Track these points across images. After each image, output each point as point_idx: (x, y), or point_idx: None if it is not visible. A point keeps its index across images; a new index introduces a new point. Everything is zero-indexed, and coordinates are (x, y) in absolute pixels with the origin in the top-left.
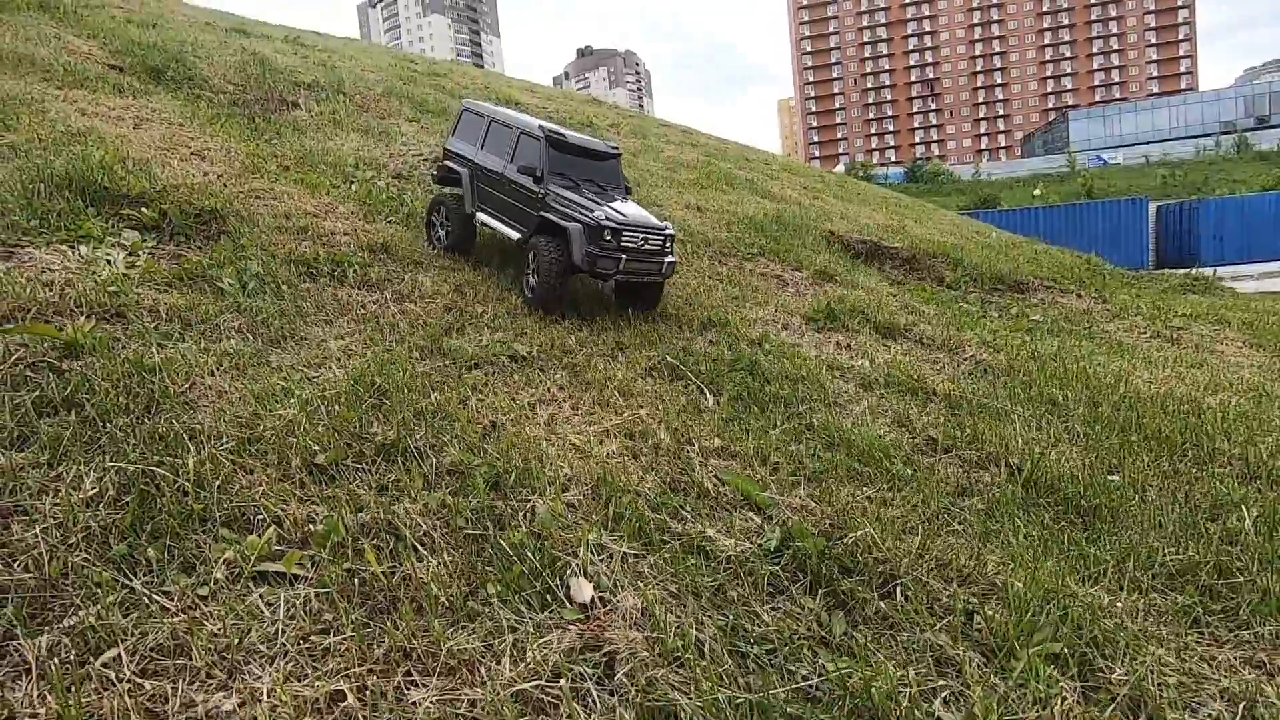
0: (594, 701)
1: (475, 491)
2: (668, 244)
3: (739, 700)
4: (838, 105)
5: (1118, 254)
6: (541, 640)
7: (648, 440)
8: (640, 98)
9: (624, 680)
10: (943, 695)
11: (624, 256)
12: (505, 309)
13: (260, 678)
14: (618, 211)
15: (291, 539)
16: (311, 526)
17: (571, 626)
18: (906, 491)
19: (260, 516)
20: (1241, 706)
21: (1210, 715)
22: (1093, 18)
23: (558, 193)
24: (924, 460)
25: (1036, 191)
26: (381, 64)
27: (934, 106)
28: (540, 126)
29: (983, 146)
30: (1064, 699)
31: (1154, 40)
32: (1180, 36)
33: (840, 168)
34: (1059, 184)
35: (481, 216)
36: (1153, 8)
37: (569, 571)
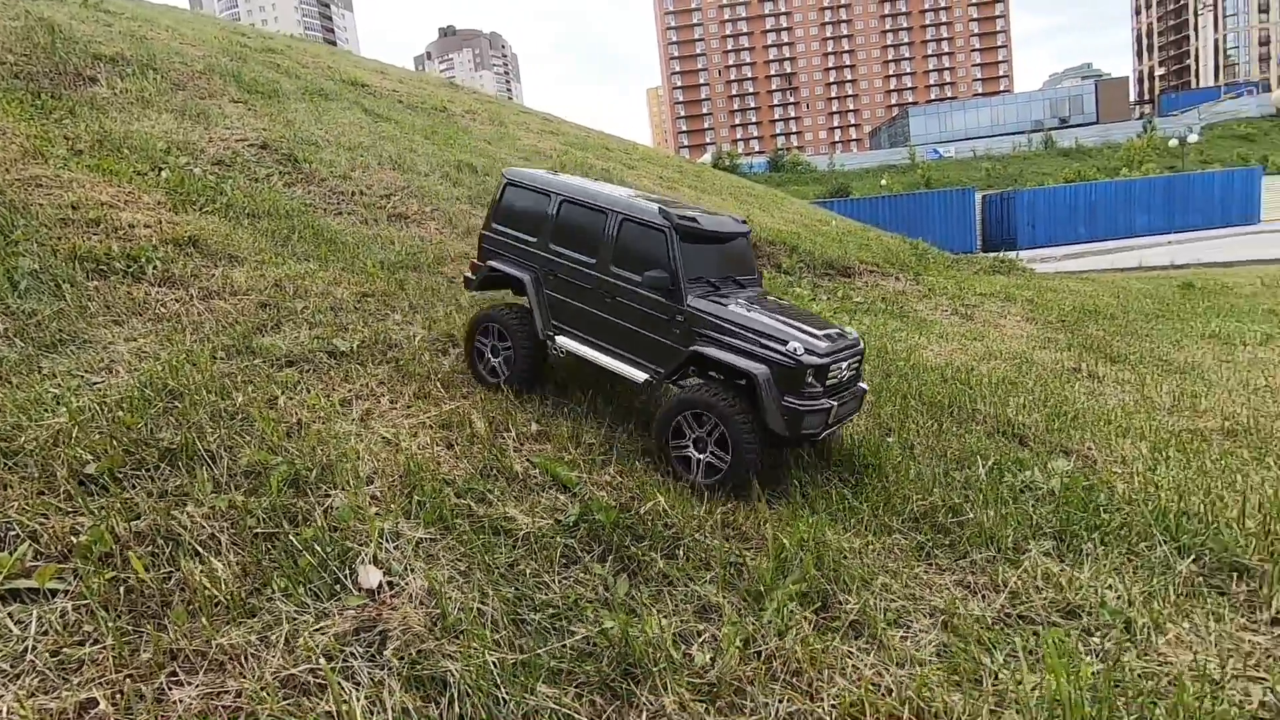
0: (363, 678)
1: (270, 491)
2: (861, 364)
3: (510, 661)
4: (704, 95)
5: (953, 239)
6: (316, 627)
7: (464, 430)
8: (508, 81)
9: (393, 656)
10: (701, 639)
11: (834, 405)
12: (329, 303)
13: (2, 696)
14: (807, 332)
15: (51, 553)
16: (75, 539)
17: (351, 611)
18: None
19: (13, 533)
20: (943, 619)
21: (919, 628)
22: (926, 22)
23: (706, 310)
24: None
25: (883, 182)
26: (206, 36)
27: (792, 100)
28: (661, 210)
29: (836, 139)
30: (801, 629)
31: (977, 45)
32: (998, 43)
33: (707, 157)
34: (902, 175)
35: (566, 343)
36: (976, 15)
37: (359, 560)
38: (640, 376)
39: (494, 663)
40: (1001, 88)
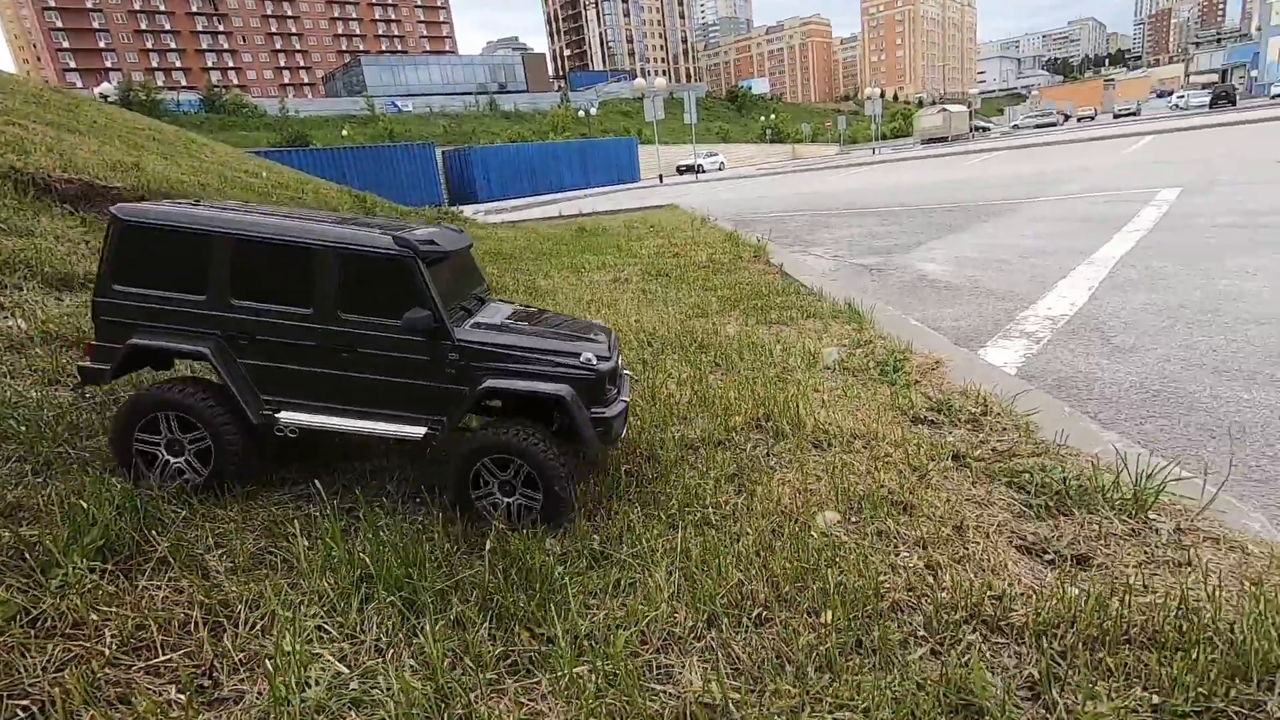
0: None
1: None
2: None
3: None
4: (90, 4)
5: (421, 193)
6: None
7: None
8: None
9: None
10: None
11: (627, 399)
12: None
13: None
14: (584, 338)
15: None
16: None
17: None
18: None
19: None
20: None
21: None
22: None
23: (479, 341)
24: None
25: (345, 132)
26: None
27: (222, 29)
28: (397, 239)
29: (286, 81)
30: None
31: (420, 2)
32: (439, 3)
33: (108, 86)
34: (364, 126)
35: (296, 418)
36: None
37: None
38: (418, 432)
39: None
40: (447, 48)
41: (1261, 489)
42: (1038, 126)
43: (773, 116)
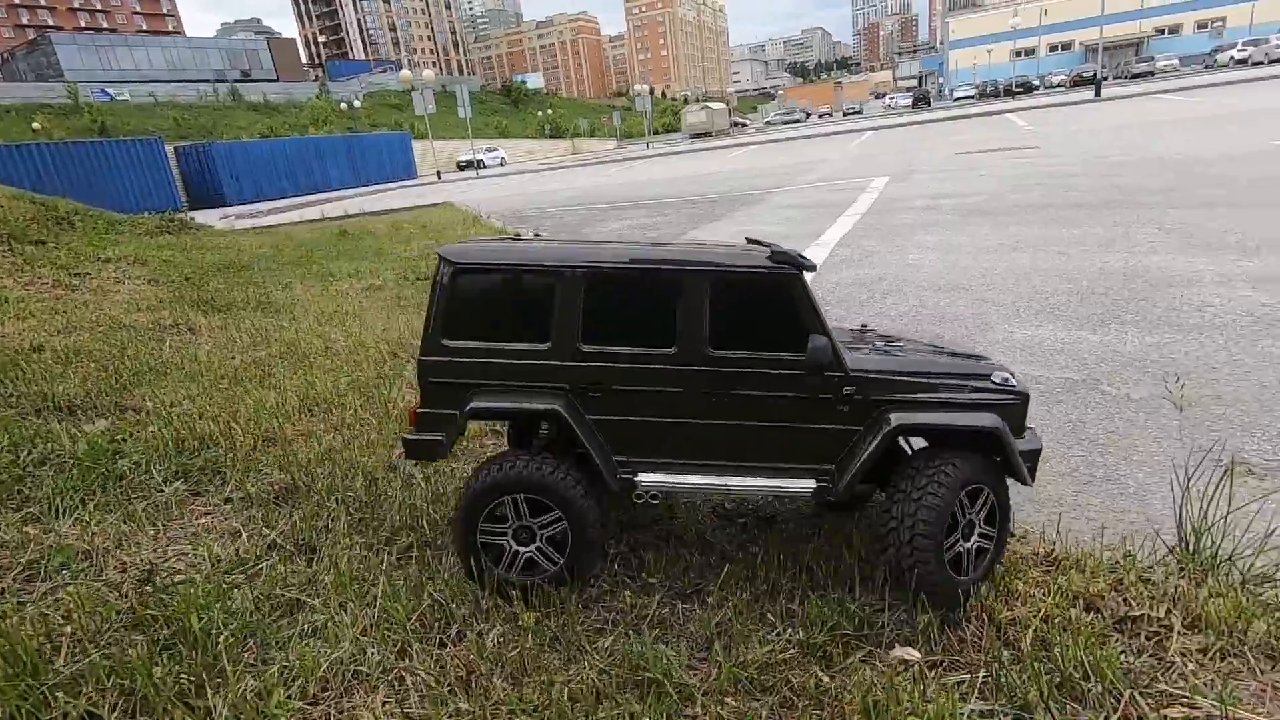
0: None
1: None
2: None
3: None
4: None
5: (152, 197)
6: None
7: None
8: None
9: None
10: None
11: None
12: None
13: None
14: (969, 355)
15: None
16: None
17: None
18: None
19: None
20: None
21: None
22: None
23: (875, 369)
24: None
25: (36, 125)
26: None
27: None
28: (774, 253)
29: None
30: None
31: None
32: None
33: None
34: (65, 118)
35: (659, 480)
36: None
37: None
38: (807, 486)
39: None
40: (170, 28)
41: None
42: (786, 123)
43: (550, 111)
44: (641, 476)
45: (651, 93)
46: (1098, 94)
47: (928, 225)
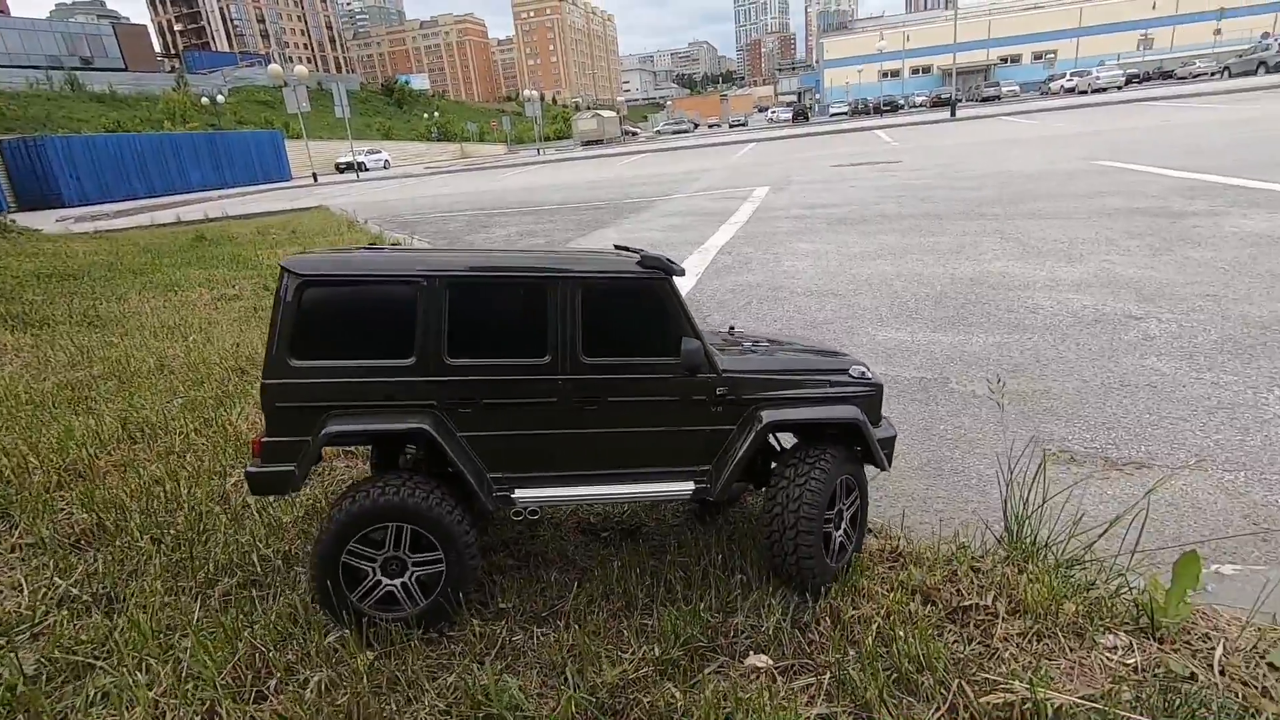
0: None
1: None
2: None
3: None
4: None
5: None
6: None
7: None
8: None
9: None
10: None
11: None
12: None
13: None
14: (828, 351)
15: None
16: None
17: None
18: None
19: None
20: None
21: None
22: None
23: (742, 369)
24: None
25: None
26: None
27: None
28: (644, 258)
29: None
30: None
31: None
32: None
33: None
34: None
35: (535, 495)
36: None
37: None
38: (686, 489)
39: None
40: None
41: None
42: (675, 132)
43: (437, 114)
44: (518, 493)
45: (542, 99)
46: (953, 114)
47: (803, 233)
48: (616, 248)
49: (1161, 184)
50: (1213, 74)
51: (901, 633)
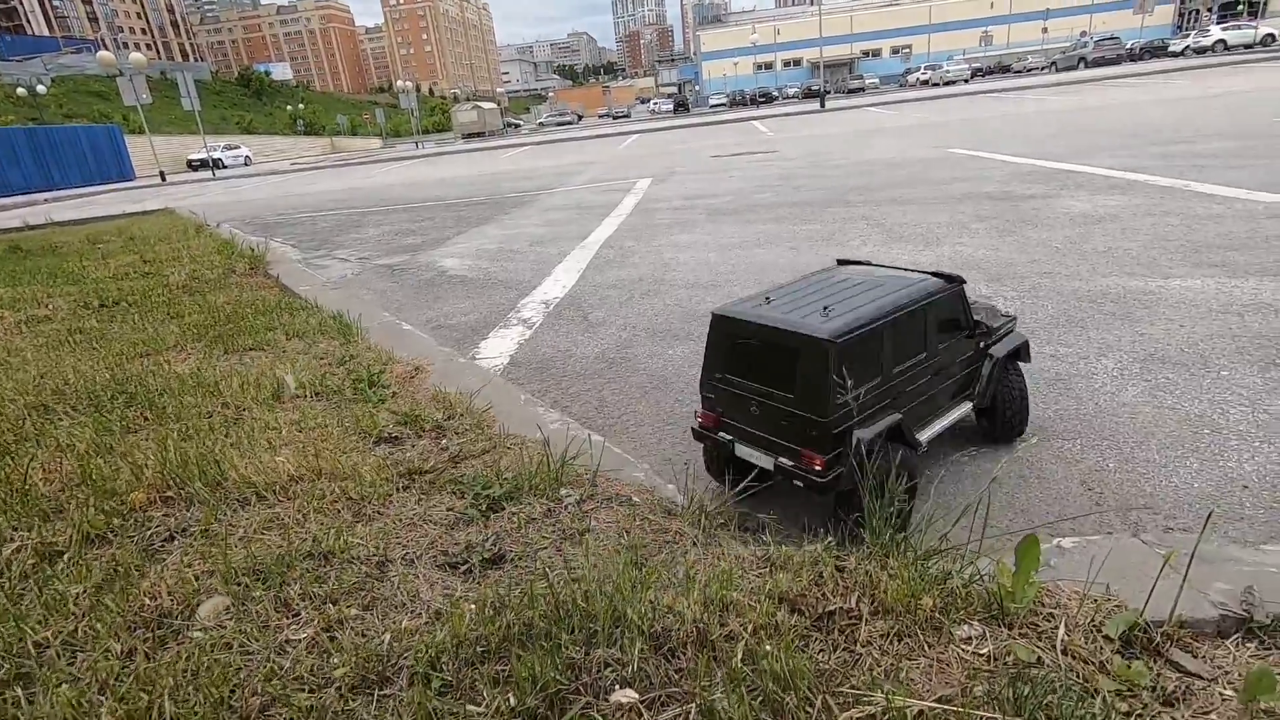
0: None
1: None
2: None
3: None
4: None
5: None
6: None
7: None
8: None
9: None
10: None
11: None
12: None
13: None
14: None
15: None
16: None
17: None
18: None
19: None
20: None
21: None
22: None
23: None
24: None
25: None
26: None
27: None
28: (948, 276)
29: None
30: None
31: None
32: None
33: None
34: None
35: (927, 434)
36: None
37: None
38: (967, 408)
39: None
40: None
41: (671, 431)
42: (558, 124)
43: (301, 106)
44: (921, 434)
45: (418, 90)
46: (822, 105)
47: (683, 224)
48: (840, 261)
49: (1004, 170)
50: (1043, 68)
51: (769, 647)
